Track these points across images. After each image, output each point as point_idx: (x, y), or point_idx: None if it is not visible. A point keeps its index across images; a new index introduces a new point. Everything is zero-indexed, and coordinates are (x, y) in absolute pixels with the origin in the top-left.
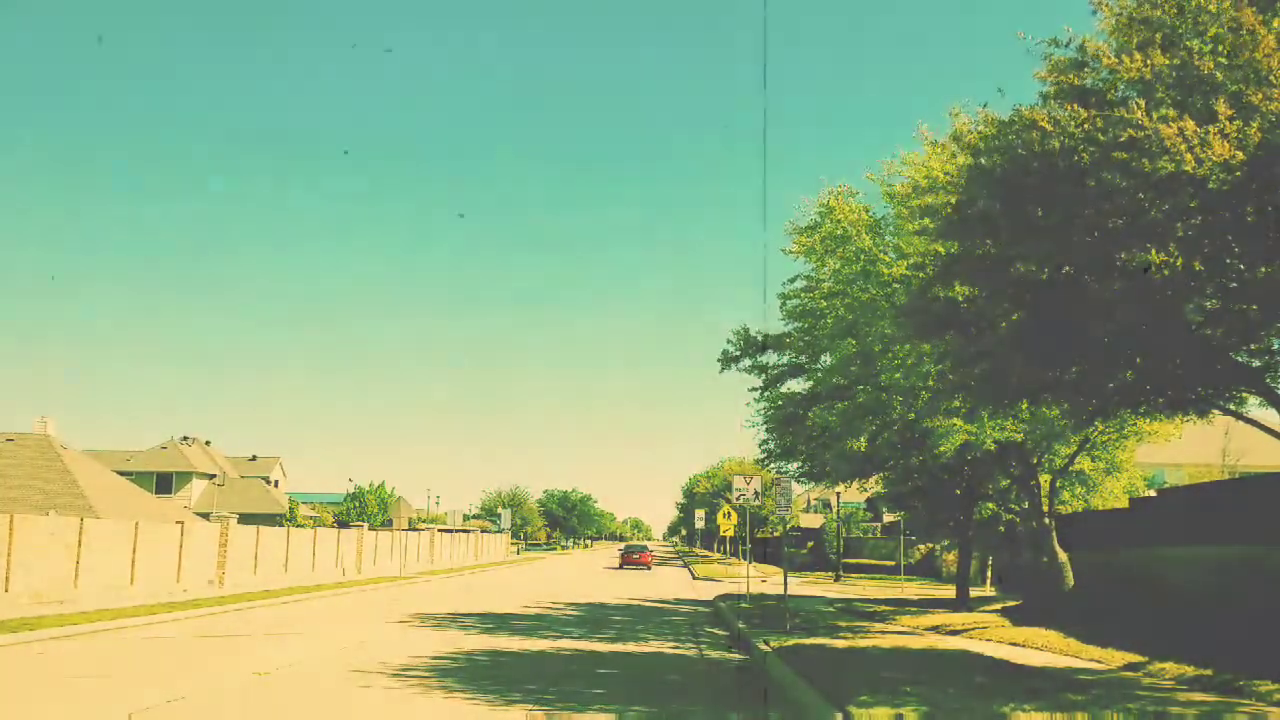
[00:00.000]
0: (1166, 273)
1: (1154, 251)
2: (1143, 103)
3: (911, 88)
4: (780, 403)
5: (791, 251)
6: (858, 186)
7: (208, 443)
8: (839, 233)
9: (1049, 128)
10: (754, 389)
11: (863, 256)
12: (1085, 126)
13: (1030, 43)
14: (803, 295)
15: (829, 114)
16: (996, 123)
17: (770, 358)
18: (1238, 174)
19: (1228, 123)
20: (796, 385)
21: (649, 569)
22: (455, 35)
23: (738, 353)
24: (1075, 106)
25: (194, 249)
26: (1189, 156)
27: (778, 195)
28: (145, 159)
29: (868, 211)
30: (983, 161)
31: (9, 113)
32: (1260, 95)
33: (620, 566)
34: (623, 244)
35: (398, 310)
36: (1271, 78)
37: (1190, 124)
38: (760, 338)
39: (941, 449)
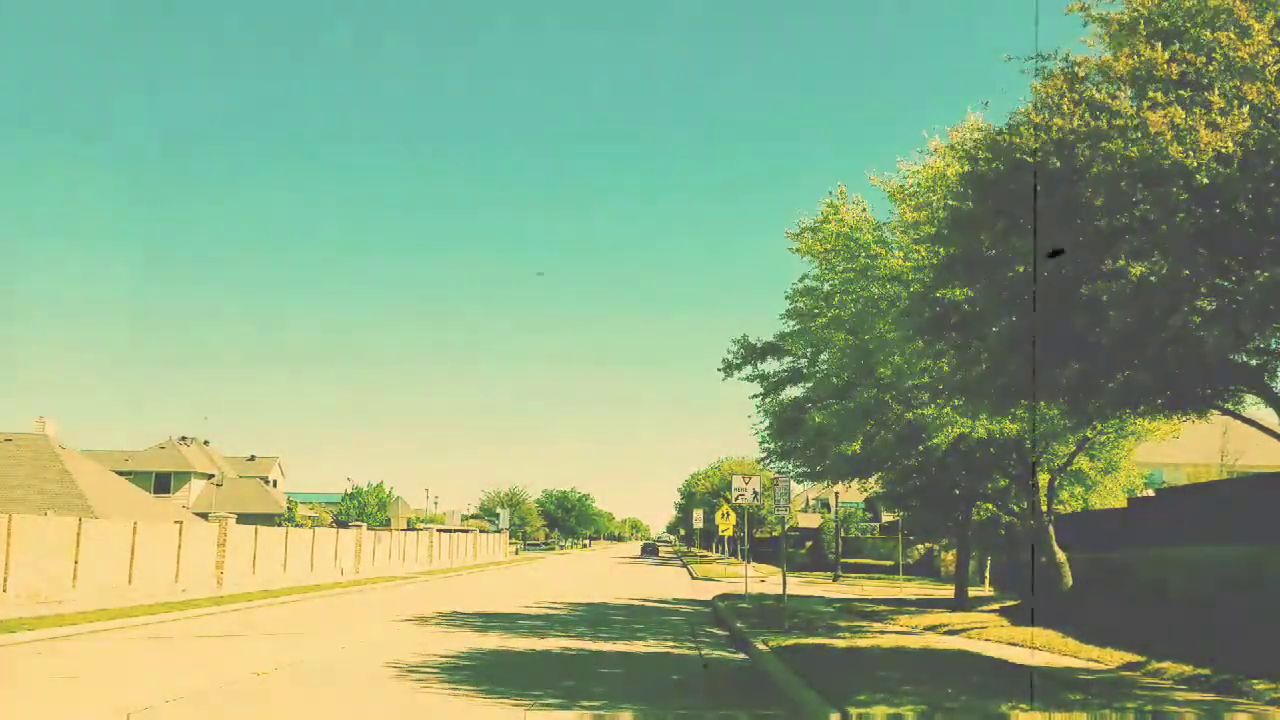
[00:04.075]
0: (1156, 278)
1: (1138, 264)
2: (1129, 92)
3: (919, 91)
4: (780, 408)
5: (797, 250)
6: (862, 191)
7: (206, 443)
8: (844, 232)
9: (1038, 119)
10: (754, 395)
11: (863, 256)
12: (1074, 120)
13: (1022, 61)
14: (806, 295)
15: (834, 118)
16: (993, 130)
17: (770, 365)
18: (1230, 168)
19: (1219, 115)
20: (795, 391)
21: (658, 556)
22: (460, 35)
23: (739, 360)
24: (1067, 100)
25: (194, 248)
26: (1175, 147)
27: (782, 200)
28: (144, 157)
29: (870, 211)
30: (980, 167)
31: (7, 109)
32: (1254, 89)
33: (641, 555)
34: (623, 244)
35: (397, 310)
36: (1266, 72)
37: (1179, 112)
38: (760, 345)
39: (936, 440)
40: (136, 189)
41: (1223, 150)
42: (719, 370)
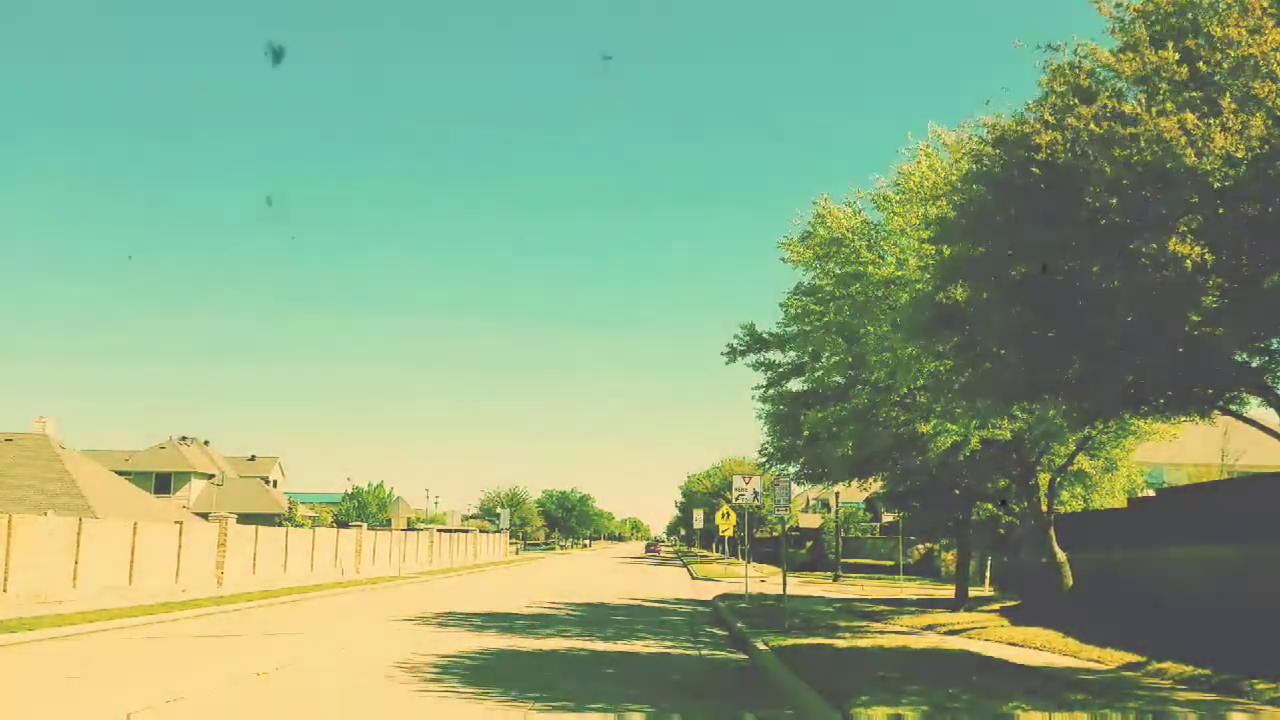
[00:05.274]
0: (1166, 273)
1: (1154, 246)
2: (1143, 97)
3: (918, 89)
4: (781, 403)
5: (788, 260)
6: (855, 193)
7: (206, 443)
8: (834, 238)
9: (1050, 119)
10: (758, 386)
11: (854, 260)
12: (1083, 121)
13: (1030, 49)
14: (802, 301)
15: (834, 115)
16: (999, 127)
17: (775, 355)
18: (1241, 170)
19: (1231, 116)
20: (797, 385)
21: (659, 554)
22: (462, 34)
23: (743, 347)
24: (1073, 99)
25: (193, 248)
26: (1189, 151)
27: (779, 197)
28: (145, 157)
29: (860, 216)
30: (984, 164)
31: (11, 107)
32: (1266, 88)
33: (646, 552)
34: (623, 245)
35: (397, 310)
36: (1277, 69)
37: (1190, 117)
38: (766, 335)
39: (932, 452)
40: (136, 188)
41: (1234, 154)
42: (723, 355)
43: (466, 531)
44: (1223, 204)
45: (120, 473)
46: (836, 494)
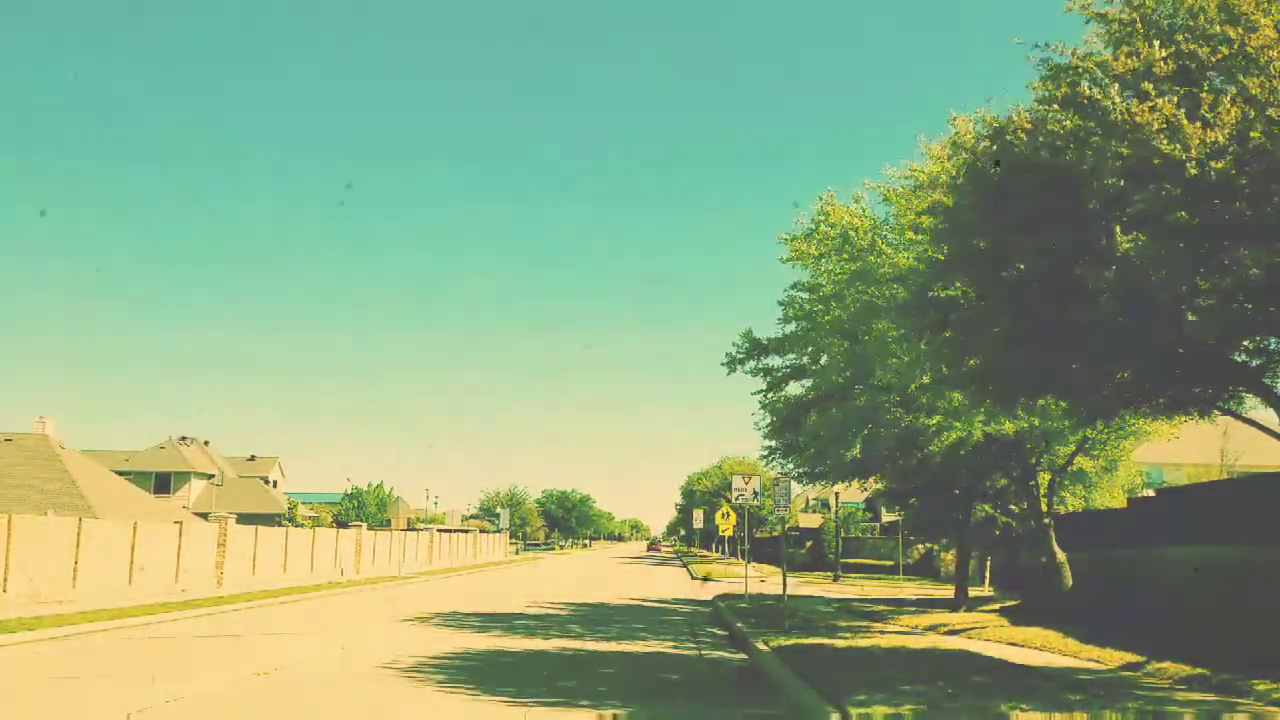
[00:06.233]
0: (1149, 266)
1: (1139, 242)
2: (1116, 88)
3: (917, 89)
4: (782, 406)
5: (788, 259)
6: (859, 191)
7: (206, 443)
8: (836, 235)
9: (1027, 124)
10: (757, 391)
11: (859, 256)
12: (1068, 119)
13: (1026, 48)
14: (802, 300)
15: (833, 120)
16: (992, 124)
17: (774, 360)
18: (1224, 164)
19: (1208, 110)
20: (798, 387)
21: (659, 554)
22: (460, 39)
23: (743, 355)
24: (1058, 92)
25: (194, 250)
26: (1164, 140)
27: (782, 202)
28: (146, 160)
29: (865, 213)
30: (978, 163)
31: (9, 108)
32: (1256, 83)
33: (646, 552)
34: (622, 245)
35: (397, 311)
36: (1271, 67)
37: (1167, 106)
38: (765, 341)
39: (935, 446)
40: (136, 187)
41: (1216, 144)
42: (723, 364)
43: (466, 532)
44: (1204, 198)
45: (120, 473)
46: (836, 494)
